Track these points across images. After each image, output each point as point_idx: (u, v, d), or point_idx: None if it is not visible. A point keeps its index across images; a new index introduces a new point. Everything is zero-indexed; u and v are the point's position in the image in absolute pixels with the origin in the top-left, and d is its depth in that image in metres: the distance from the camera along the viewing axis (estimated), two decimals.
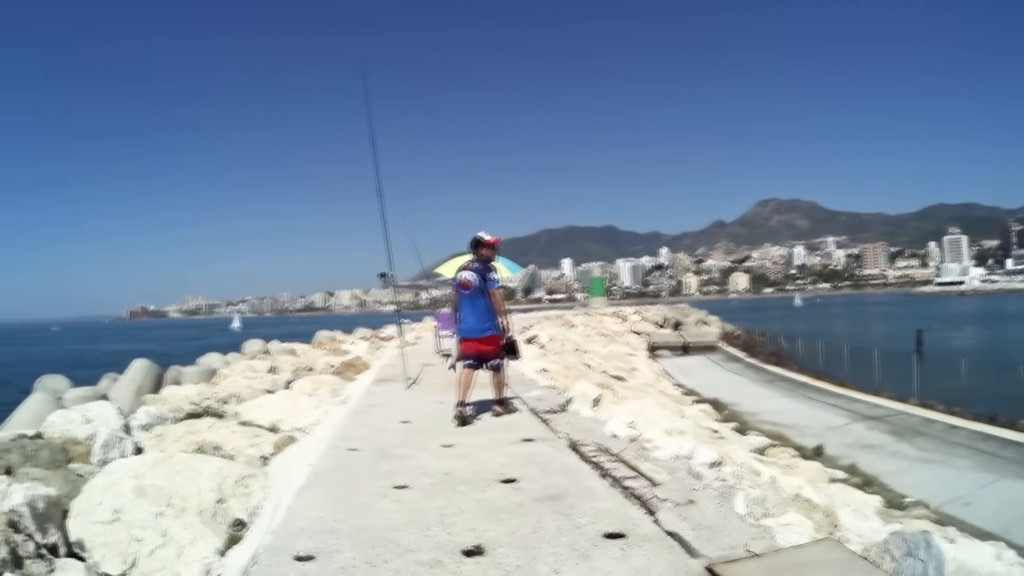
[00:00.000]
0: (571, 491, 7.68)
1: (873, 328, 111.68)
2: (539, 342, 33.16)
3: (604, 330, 56.63)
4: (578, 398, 15.03)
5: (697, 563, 5.61)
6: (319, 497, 7.76)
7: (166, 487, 7.42)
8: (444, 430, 11.63)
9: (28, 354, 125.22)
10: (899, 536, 6.02)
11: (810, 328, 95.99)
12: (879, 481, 16.91)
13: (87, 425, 11.13)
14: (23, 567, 6.08)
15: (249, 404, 14.80)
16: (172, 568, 6.30)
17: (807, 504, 8.28)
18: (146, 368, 23.43)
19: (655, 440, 10.23)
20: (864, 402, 29.51)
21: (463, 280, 12.83)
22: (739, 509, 6.82)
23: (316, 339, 41.22)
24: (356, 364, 23.66)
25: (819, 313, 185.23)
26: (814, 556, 5.64)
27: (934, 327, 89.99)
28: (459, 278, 12.94)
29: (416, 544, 6.23)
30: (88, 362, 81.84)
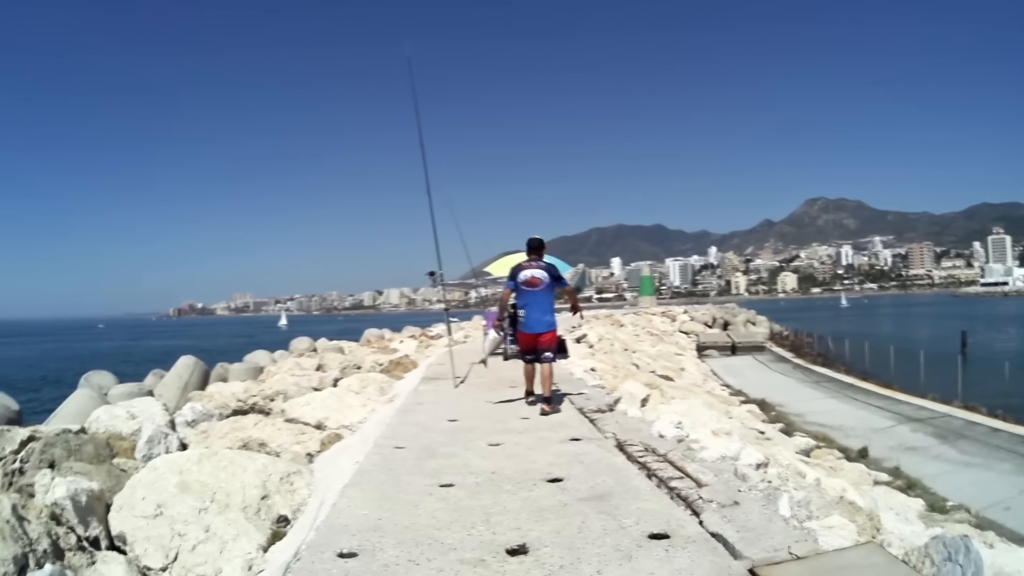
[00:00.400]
0: (617, 491, 7.59)
1: (918, 329, 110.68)
2: (588, 341, 33.06)
3: (653, 330, 56.69)
4: (626, 398, 15.03)
5: (740, 565, 5.51)
6: (364, 495, 7.69)
7: (210, 483, 7.43)
8: (492, 429, 11.56)
9: (74, 351, 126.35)
10: (939, 540, 5.93)
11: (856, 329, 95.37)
12: (922, 484, 16.81)
13: (132, 421, 11.18)
14: (64, 559, 6.13)
15: (296, 401, 14.81)
16: (214, 563, 6.31)
17: (851, 507, 8.23)
18: (192, 365, 23.61)
19: (702, 441, 10.15)
20: (909, 404, 29.39)
21: (532, 278, 13.51)
22: (783, 511, 6.75)
23: (364, 337, 41.50)
24: (404, 362, 23.65)
25: (865, 314, 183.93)
26: (855, 560, 5.55)
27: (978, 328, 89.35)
28: (526, 276, 13.55)
29: (460, 543, 6.17)
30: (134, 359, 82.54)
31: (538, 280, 13.54)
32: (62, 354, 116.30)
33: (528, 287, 13.61)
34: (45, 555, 5.91)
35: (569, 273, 28.25)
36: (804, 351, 54.73)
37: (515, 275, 13.78)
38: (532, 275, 13.58)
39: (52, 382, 59.39)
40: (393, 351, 29.67)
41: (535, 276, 13.56)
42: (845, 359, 47.48)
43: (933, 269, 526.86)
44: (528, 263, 13.80)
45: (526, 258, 14.09)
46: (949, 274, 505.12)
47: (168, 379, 23.29)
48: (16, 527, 5.86)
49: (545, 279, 13.55)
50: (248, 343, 60.96)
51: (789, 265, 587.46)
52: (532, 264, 13.73)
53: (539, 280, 13.53)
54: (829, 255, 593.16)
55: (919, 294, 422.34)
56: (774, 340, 64.37)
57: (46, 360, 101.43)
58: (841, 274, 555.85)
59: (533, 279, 13.56)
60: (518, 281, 13.71)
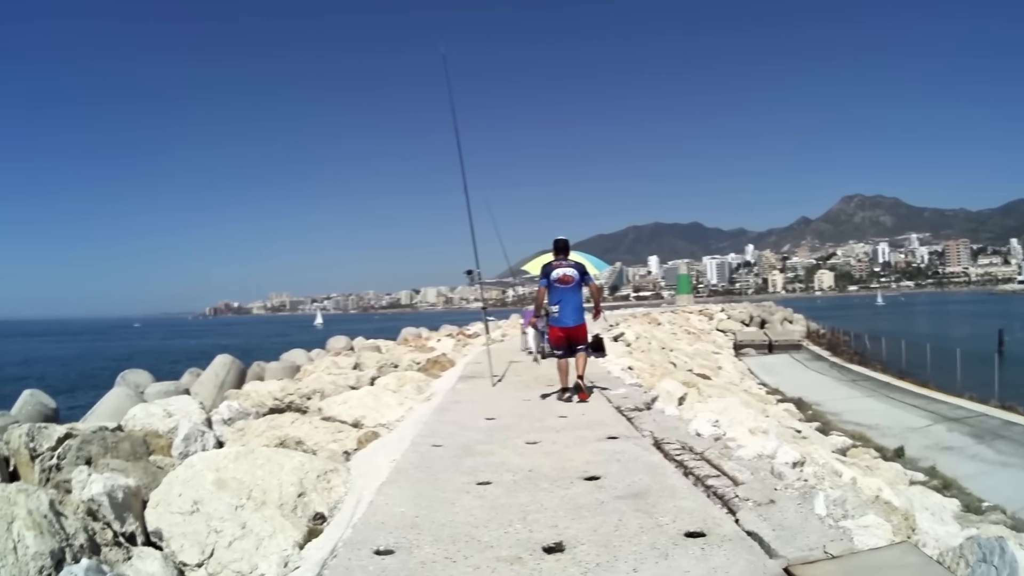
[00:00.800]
0: (653, 489, 7.56)
1: (954, 327, 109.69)
2: (625, 340, 33.02)
3: (690, 328, 56.73)
4: (663, 396, 14.99)
5: (775, 564, 5.47)
6: (401, 492, 7.69)
7: (247, 480, 7.45)
8: (529, 427, 11.54)
9: (111, 349, 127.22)
10: (974, 541, 5.86)
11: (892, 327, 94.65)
12: (958, 484, 16.68)
13: (168, 419, 11.26)
14: (100, 554, 6.17)
15: (333, 400, 14.83)
16: (250, 560, 6.33)
17: (886, 506, 8.16)
18: (229, 363, 23.65)
19: (738, 439, 10.09)
20: (945, 403, 29.28)
21: (564, 276, 14.51)
22: (819, 510, 6.71)
23: (401, 336, 41.55)
24: (441, 361, 23.65)
25: (901, 312, 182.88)
26: (890, 560, 5.51)
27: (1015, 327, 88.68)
28: (558, 274, 14.51)
29: (497, 540, 6.16)
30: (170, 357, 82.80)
31: (570, 278, 14.48)
32: (99, 353, 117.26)
33: (561, 284, 14.47)
34: (81, 550, 5.94)
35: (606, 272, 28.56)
36: (841, 349, 54.59)
37: (548, 273, 14.60)
38: (564, 273, 14.50)
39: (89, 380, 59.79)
40: (430, 350, 29.71)
41: (567, 274, 14.49)
42: (881, 357, 47.28)
43: (969, 266, 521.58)
44: (559, 262, 14.72)
45: (554, 258, 15.00)
46: (986, 271, 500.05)
47: (204, 377, 23.36)
48: (53, 522, 5.89)
49: (576, 276, 14.52)
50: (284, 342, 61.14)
51: (826, 263, 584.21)
52: (563, 263, 14.68)
53: (571, 278, 14.48)
54: (866, 252, 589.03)
55: (955, 292, 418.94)
56: (811, 338, 64.22)
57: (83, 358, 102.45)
58: (878, 272, 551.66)
59: (565, 276, 14.48)
60: (551, 279, 14.53)
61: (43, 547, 5.63)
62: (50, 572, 5.55)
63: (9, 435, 9.46)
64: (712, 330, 63.26)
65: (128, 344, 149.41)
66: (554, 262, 14.83)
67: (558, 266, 14.67)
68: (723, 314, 78.15)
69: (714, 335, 59.01)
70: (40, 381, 49.37)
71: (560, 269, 14.60)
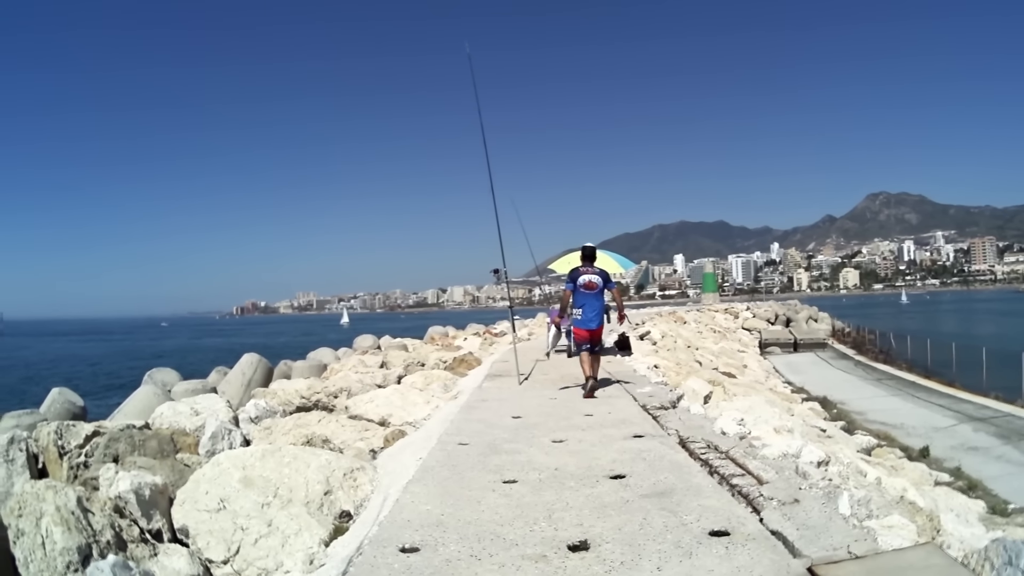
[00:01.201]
0: (678, 488, 7.57)
1: (981, 326, 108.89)
2: (651, 339, 32.95)
3: (715, 327, 56.54)
4: (689, 395, 14.96)
5: (799, 563, 5.46)
6: (427, 490, 7.71)
7: (273, 478, 7.49)
8: (555, 425, 11.54)
9: (139, 348, 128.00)
10: (999, 544, 5.78)
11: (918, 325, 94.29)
12: (983, 485, 16.53)
13: (195, 417, 11.34)
14: (127, 550, 6.21)
15: (359, 398, 14.89)
16: (276, 557, 6.37)
17: (911, 507, 8.13)
18: (256, 362, 23.77)
19: (763, 438, 10.07)
20: (971, 403, 29.08)
21: (590, 282, 15.64)
22: (843, 510, 6.68)
23: (428, 335, 41.68)
24: (468, 360, 23.65)
25: (926, 310, 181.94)
26: (914, 561, 5.49)
27: None
28: (584, 280, 15.63)
29: (522, 538, 6.18)
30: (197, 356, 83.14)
31: (594, 284, 15.65)
32: (127, 352, 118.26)
33: (586, 289, 15.60)
34: (108, 546, 5.99)
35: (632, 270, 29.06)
36: (866, 348, 54.52)
37: (575, 279, 15.72)
38: (590, 279, 15.63)
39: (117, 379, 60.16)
40: (457, 348, 29.67)
41: (592, 280, 15.64)
42: (907, 356, 47.13)
43: (996, 264, 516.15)
44: (585, 268, 15.82)
45: (581, 264, 16.04)
46: (1012, 269, 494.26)
47: (231, 376, 23.48)
48: (81, 518, 5.95)
49: (600, 283, 15.74)
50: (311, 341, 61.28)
51: (851, 261, 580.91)
52: (589, 270, 15.79)
53: (595, 284, 15.66)
54: (891, 251, 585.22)
55: (981, 290, 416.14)
56: (836, 337, 64.12)
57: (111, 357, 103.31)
58: (903, 270, 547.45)
59: (591, 283, 15.62)
60: (577, 284, 15.65)
61: (70, 543, 5.69)
62: (77, 568, 5.61)
63: (38, 433, 9.55)
64: (737, 329, 63.09)
65: (156, 343, 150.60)
66: (581, 268, 15.81)
67: (585, 272, 15.69)
68: (748, 313, 77.91)
69: (739, 334, 58.84)
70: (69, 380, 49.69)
71: (586, 275, 15.63)
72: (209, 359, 49.60)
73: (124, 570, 5.12)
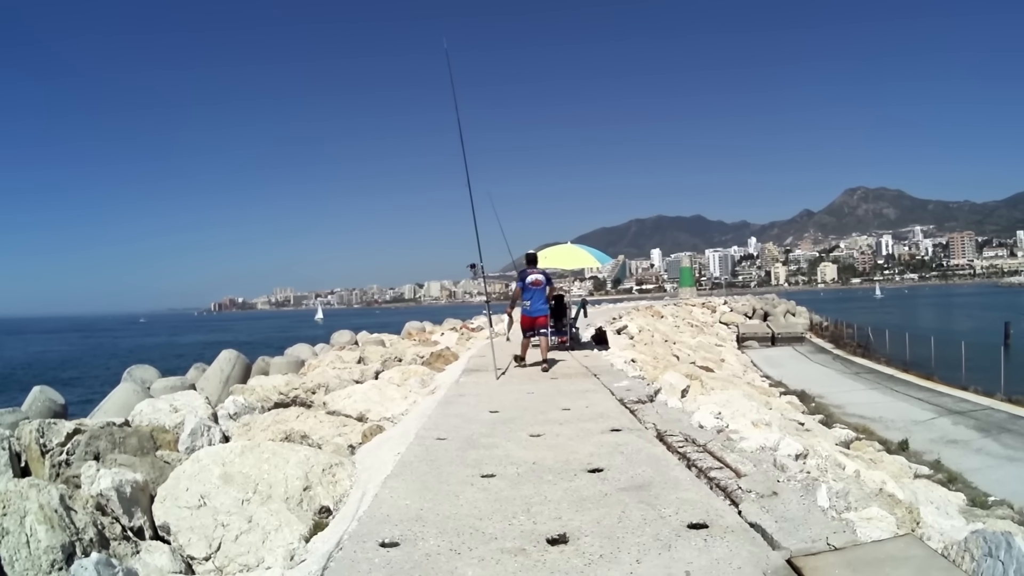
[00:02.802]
0: (657, 481, 7.60)
1: (959, 320, 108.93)
2: (628, 333, 33.13)
3: (693, 321, 56.85)
4: (666, 388, 15.09)
5: (778, 555, 5.50)
6: (406, 485, 7.73)
7: (253, 474, 7.51)
8: (533, 420, 11.57)
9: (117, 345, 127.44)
10: (980, 535, 5.83)
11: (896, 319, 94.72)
12: (963, 478, 16.66)
13: (175, 414, 11.32)
14: (109, 548, 6.22)
15: (337, 394, 14.93)
16: (256, 552, 6.38)
17: (890, 499, 8.16)
18: (234, 358, 23.75)
19: (741, 431, 10.12)
20: (950, 396, 29.26)
21: (536, 280, 19.11)
22: (822, 502, 6.71)
23: (405, 330, 41.50)
24: (445, 355, 23.71)
25: (904, 304, 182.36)
26: (893, 552, 5.49)
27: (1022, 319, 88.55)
28: (531, 279, 19.04)
29: (501, 532, 6.21)
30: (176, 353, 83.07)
31: (539, 282, 19.17)
32: (106, 349, 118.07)
33: (533, 286, 19.04)
34: (91, 544, 6.01)
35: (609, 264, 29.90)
36: (844, 342, 54.66)
37: (523, 278, 19.15)
38: (536, 278, 19.14)
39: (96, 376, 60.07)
40: (434, 343, 29.69)
41: (537, 279, 19.16)
42: (885, 350, 47.18)
43: (975, 259, 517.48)
44: (531, 270, 19.38)
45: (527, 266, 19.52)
46: (991, 264, 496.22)
47: (210, 372, 23.45)
48: (64, 516, 5.96)
49: (543, 281, 19.29)
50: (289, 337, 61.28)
51: (829, 255, 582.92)
52: (534, 271, 19.37)
53: (540, 282, 19.19)
54: (869, 245, 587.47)
55: (960, 284, 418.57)
56: (814, 331, 64.38)
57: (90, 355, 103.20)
58: (881, 264, 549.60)
59: (536, 281, 19.13)
60: (526, 282, 19.07)
61: (54, 541, 5.71)
62: (61, 566, 5.63)
63: (20, 431, 9.54)
64: (715, 323, 63.41)
65: (134, 340, 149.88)
66: (528, 269, 19.37)
67: (531, 273, 19.21)
68: (726, 307, 78.34)
69: (717, 328, 59.13)
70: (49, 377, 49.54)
71: (533, 275, 19.14)
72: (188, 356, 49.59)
73: (107, 568, 5.14)
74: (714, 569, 5.37)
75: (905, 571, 5.17)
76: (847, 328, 60.40)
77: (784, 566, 5.35)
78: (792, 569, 5.30)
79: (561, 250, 25.34)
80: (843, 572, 5.18)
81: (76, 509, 6.28)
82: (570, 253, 25.05)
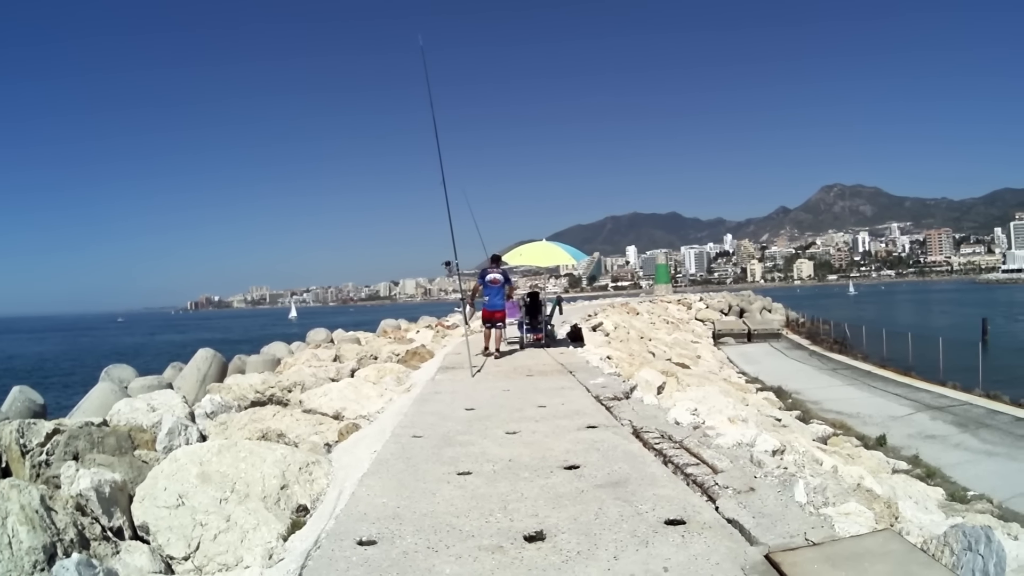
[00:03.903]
0: (633, 478, 7.64)
1: (937, 316, 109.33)
2: (604, 330, 33.16)
3: (669, 318, 56.76)
4: (642, 385, 15.11)
5: (756, 550, 5.55)
6: (382, 483, 7.76)
7: (230, 473, 7.50)
8: (509, 417, 11.61)
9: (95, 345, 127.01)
10: (959, 530, 5.84)
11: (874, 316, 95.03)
12: (942, 473, 16.73)
13: (152, 413, 11.27)
14: (90, 548, 6.20)
15: (313, 392, 14.89)
16: (235, 552, 6.38)
17: (868, 494, 8.18)
18: (210, 357, 23.75)
19: (718, 427, 10.19)
20: (928, 391, 29.33)
21: (494, 279, 21.59)
22: (799, 497, 6.74)
23: (381, 328, 41.43)
24: (421, 352, 23.66)
25: (881, 300, 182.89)
26: (872, 547, 5.52)
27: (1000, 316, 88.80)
28: (491, 277, 21.59)
29: (478, 530, 6.24)
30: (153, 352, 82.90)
31: (498, 280, 21.63)
32: (84, 348, 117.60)
33: (492, 284, 21.54)
34: (72, 545, 6.01)
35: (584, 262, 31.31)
36: (821, 338, 54.85)
37: (484, 276, 21.71)
38: (494, 277, 21.63)
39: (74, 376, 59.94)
40: (410, 341, 29.56)
41: (496, 278, 21.63)
42: (862, 347, 47.33)
43: (952, 255, 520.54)
44: (491, 269, 21.83)
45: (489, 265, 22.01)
46: (969, 260, 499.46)
47: (187, 371, 23.42)
48: (45, 517, 5.95)
49: (502, 280, 21.74)
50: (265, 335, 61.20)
51: (805, 252, 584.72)
52: (494, 270, 21.81)
53: (498, 280, 21.64)
54: (845, 242, 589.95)
55: (937, 281, 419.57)
56: (790, 327, 64.56)
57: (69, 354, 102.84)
58: (858, 261, 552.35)
59: (495, 279, 21.59)
60: (486, 280, 21.60)
61: (36, 542, 5.70)
62: (43, 567, 5.62)
63: (0, 431, 9.48)
64: (691, 320, 63.41)
65: (112, 339, 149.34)
66: (488, 268, 21.82)
67: (491, 272, 21.70)
68: (702, 303, 78.39)
69: (693, 324, 59.13)
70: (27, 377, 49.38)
71: (492, 274, 21.64)
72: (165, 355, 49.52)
73: (88, 568, 5.14)
74: (692, 565, 5.41)
75: (884, 566, 5.22)
76: (824, 324, 60.64)
77: (762, 561, 5.41)
78: (770, 564, 5.35)
79: (536, 247, 25.46)
80: (822, 567, 5.23)
81: (57, 510, 6.28)
82: (545, 250, 25.18)
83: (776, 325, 63.08)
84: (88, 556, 5.59)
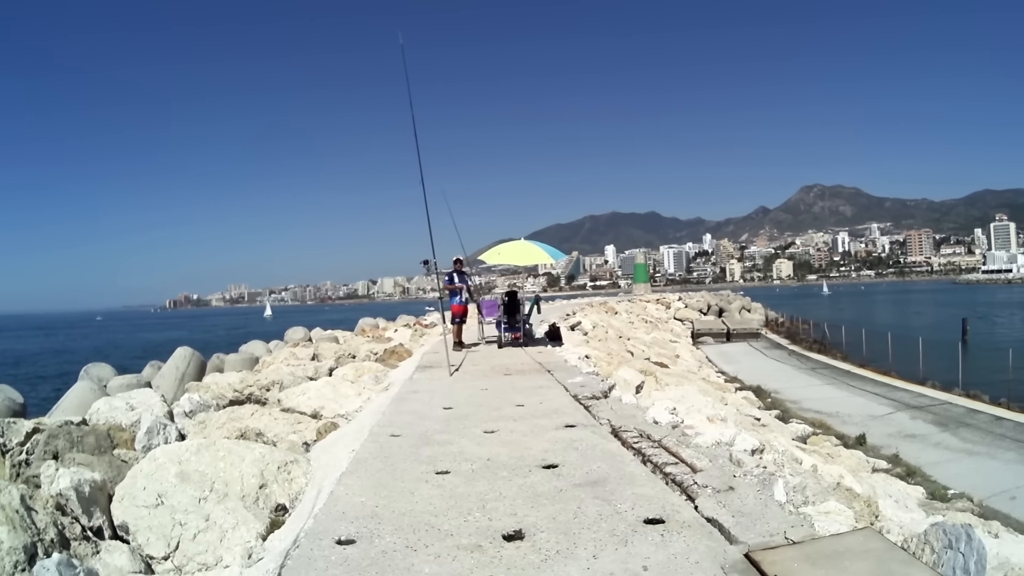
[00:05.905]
0: (612, 477, 7.65)
1: (917, 316, 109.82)
2: (582, 329, 33.21)
3: (647, 317, 56.79)
4: (620, 384, 15.12)
5: (735, 549, 5.57)
6: (361, 482, 7.76)
7: (209, 472, 7.49)
8: (487, 416, 11.59)
9: (74, 343, 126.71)
10: (939, 528, 5.87)
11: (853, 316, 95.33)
12: (922, 472, 16.78)
13: (131, 412, 11.26)
14: (70, 548, 6.20)
15: (291, 391, 14.90)
16: (215, 551, 6.40)
17: (848, 493, 8.20)
18: (189, 356, 23.68)
19: (697, 426, 10.21)
20: (907, 391, 29.38)
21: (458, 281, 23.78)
22: (779, 497, 6.76)
23: (359, 326, 41.40)
24: (399, 351, 23.75)
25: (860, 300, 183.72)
26: (852, 545, 5.56)
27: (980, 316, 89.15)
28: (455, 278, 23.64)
29: (457, 529, 6.24)
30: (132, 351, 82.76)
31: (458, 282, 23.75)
32: (62, 347, 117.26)
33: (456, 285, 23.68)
34: (52, 544, 6.02)
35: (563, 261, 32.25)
36: (800, 338, 55.05)
37: (451, 279, 23.56)
38: (456, 279, 23.61)
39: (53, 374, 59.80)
40: (388, 340, 29.57)
41: (456, 281, 23.64)
42: (842, 346, 47.55)
43: (932, 256, 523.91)
44: (457, 271, 23.74)
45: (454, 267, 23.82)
46: (949, 261, 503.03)
47: (165, 370, 23.34)
48: (25, 517, 5.95)
49: (459, 281, 23.83)
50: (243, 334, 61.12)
51: (784, 252, 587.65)
52: (457, 272, 23.72)
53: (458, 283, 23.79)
54: (825, 242, 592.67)
55: (917, 281, 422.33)
56: (769, 327, 64.75)
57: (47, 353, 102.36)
58: (837, 261, 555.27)
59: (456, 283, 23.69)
60: (455, 281, 23.68)
61: (17, 542, 5.70)
62: (24, 567, 5.61)
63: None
64: (670, 319, 63.42)
65: (91, 338, 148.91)
66: (453, 272, 23.64)
67: (453, 274, 23.62)
68: (681, 303, 78.45)
69: (672, 324, 59.18)
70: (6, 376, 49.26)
71: (453, 276, 23.59)
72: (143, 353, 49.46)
73: (69, 568, 5.17)
74: (671, 564, 5.43)
75: (864, 564, 5.27)
76: (803, 324, 60.90)
77: (742, 560, 5.44)
78: (750, 563, 5.38)
79: (515, 246, 25.44)
80: (801, 566, 5.27)
81: (37, 509, 6.28)
82: (524, 249, 25.21)
83: (755, 325, 63.15)
84: (69, 556, 5.59)
